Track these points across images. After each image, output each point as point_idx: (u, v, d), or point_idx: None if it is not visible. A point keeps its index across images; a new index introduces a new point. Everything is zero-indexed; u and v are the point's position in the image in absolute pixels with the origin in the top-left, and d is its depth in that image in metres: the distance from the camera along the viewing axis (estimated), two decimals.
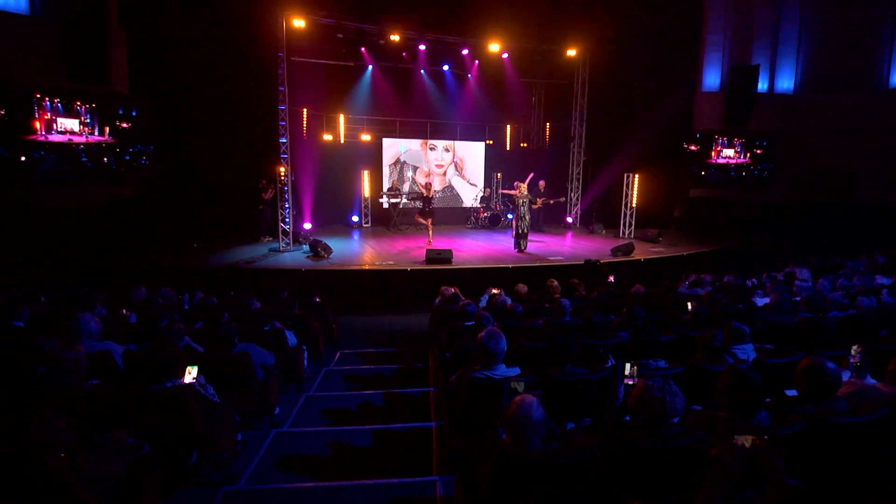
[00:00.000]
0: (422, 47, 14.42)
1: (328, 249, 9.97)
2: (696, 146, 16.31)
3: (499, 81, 16.98)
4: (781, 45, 15.20)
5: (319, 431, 3.98)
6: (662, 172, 15.56)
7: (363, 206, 15.52)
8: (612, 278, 7.93)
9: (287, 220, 10.92)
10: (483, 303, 6.14)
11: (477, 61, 15.62)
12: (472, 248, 11.54)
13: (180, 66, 11.65)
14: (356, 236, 13.60)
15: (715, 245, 12.29)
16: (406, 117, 16.26)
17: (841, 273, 9.25)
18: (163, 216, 11.25)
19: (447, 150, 16.51)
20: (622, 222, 14.09)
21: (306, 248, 10.91)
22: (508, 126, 17.55)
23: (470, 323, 4.72)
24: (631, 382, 2.44)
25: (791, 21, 15.10)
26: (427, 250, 9.20)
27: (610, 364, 3.63)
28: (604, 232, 14.71)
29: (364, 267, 8.87)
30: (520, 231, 10.99)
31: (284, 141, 11.26)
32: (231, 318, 4.89)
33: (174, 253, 10.12)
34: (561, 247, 11.87)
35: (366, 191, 15.43)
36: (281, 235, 10.85)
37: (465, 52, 14.85)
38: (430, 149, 16.32)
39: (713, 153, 16.52)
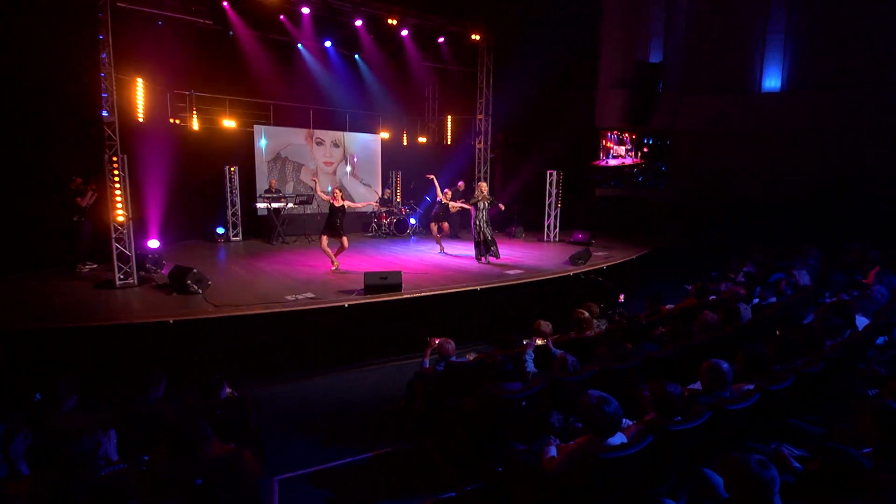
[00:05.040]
0: (305, 11, 11.35)
1: (203, 281, 6.57)
2: (596, 144, 15.98)
3: (395, 65, 14.58)
4: (669, 47, 15.53)
5: None
6: (570, 172, 14.76)
7: (230, 213, 11.80)
8: (622, 297, 6.22)
9: (126, 235, 7.12)
10: (530, 364, 3.82)
11: (371, 36, 13.01)
12: (398, 264, 9.01)
13: None
14: (225, 255, 10.02)
15: (647, 246, 11.58)
16: (283, 101, 12.91)
17: (816, 271, 8.89)
18: None
19: (336, 145, 13.57)
20: (546, 224, 12.81)
21: (163, 280, 7.27)
22: (405, 118, 15.22)
23: (632, 451, 2.37)
24: None
25: (676, 24, 15.50)
26: (366, 275, 6.44)
27: None
28: (523, 236, 13.32)
29: (273, 309, 5.78)
30: (487, 238, 9.09)
31: (109, 118, 7.47)
32: None
33: None
34: (502, 255, 9.94)
35: (234, 193, 11.75)
36: (117, 262, 7.00)
37: (358, 23, 12.13)
38: (317, 143, 13.20)
39: (602, 153, 16.34)
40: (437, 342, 4.43)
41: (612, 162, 16.40)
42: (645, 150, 16.96)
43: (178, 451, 2.41)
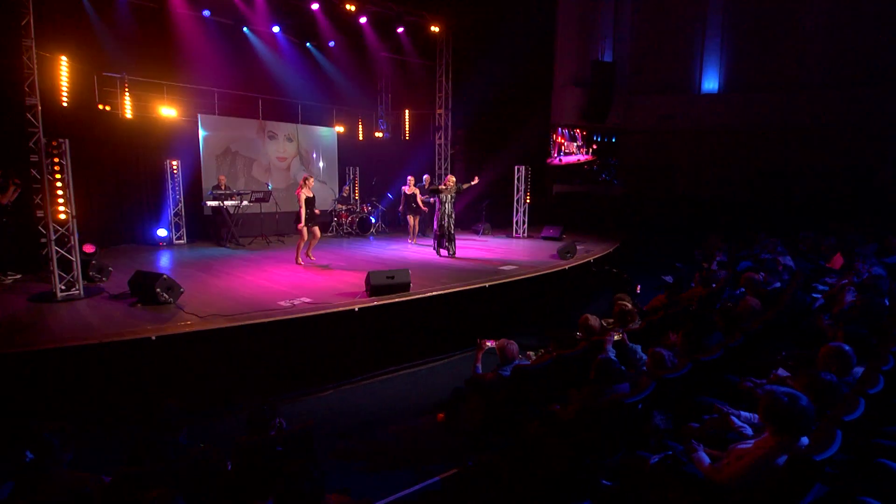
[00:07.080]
0: None
1: (175, 289, 5.58)
2: (551, 141, 16.14)
3: (351, 54, 13.77)
4: (617, 47, 16.02)
5: None
6: (531, 168, 14.79)
7: (173, 213, 10.48)
8: (639, 288, 6.09)
9: (67, 236, 5.91)
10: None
11: (328, 22, 12.13)
12: (379, 263, 8.38)
13: None
14: (170, 260, 8.83)
15: (615, 240, 11.73)
16: (229, 89, 11.68)
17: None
18: None
19: (290, 140, 12.55)
20: (515, 221, 12.64)
21: (117, 290, 6.12)
22: (361, 111, 14.44)
23: None
24: None
25: (622, 25, 16.03)
26: (371, 274, 5.79)
27: None
28: (490, 233, 13.07)
29: (275, 317, 4.98)
30: (449, 233, 8.83)
31: (30, 100, 6.30)
32: None
33: None
34: (481, 252, 9.61)
35: (177, 191, 10.44)
36: (57, 269, 5.77)
37: (315, 6, 11.26)
38: (270, 137, 12.11)
39: (554, 150, 16.57)
40: (489, 344, 3.96)
41: (566, 159, 16.63)
42: (594, 147, 17.40)
43: None
